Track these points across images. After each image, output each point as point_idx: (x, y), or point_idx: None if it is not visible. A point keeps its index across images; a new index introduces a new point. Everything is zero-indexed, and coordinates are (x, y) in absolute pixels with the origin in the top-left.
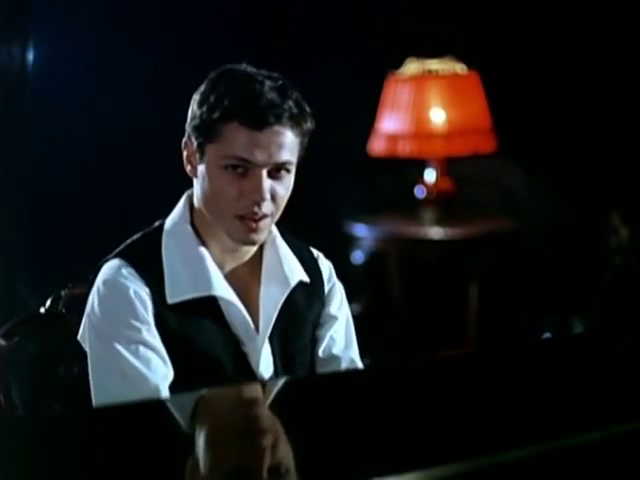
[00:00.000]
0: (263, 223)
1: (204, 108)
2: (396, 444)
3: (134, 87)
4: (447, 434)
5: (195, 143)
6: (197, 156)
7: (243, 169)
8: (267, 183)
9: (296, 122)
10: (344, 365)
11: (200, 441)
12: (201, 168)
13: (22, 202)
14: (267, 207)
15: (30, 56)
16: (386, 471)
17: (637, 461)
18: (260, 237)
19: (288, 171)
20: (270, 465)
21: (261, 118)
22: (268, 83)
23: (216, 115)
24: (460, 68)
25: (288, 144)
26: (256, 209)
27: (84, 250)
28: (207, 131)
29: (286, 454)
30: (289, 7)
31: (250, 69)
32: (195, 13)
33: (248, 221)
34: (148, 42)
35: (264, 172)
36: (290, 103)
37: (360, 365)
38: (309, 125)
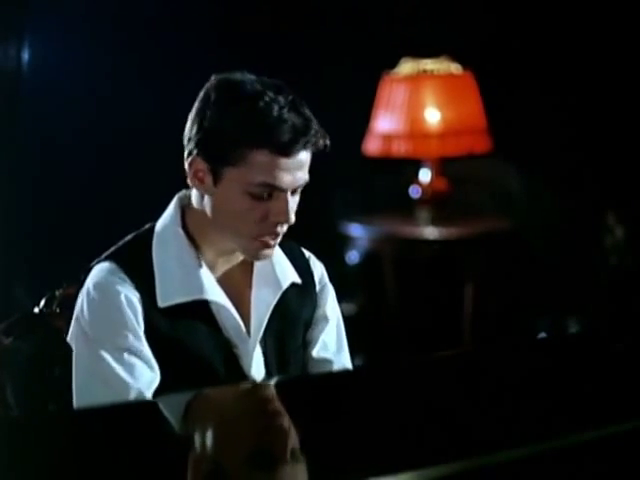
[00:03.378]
0: (279, 239)
1: (220, 131)
2: (391, 444)
3: (130, 87)
4: (442, 434)
5: (208, 164)
6: (210, 176)
7: (268, 193)
8: (290, 204)
9: (317, 147)
10: (335, 369)
11: (192, 442)
12: (216, 189)
13: (19, 202)
14: (287, 225)
15: (26, 56)
16: (382, 471)
17: (633, 460)
18: (272, 252)
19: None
20: (265, 466)
21: (291, 146)
22: (282, 100)
23: (240, 141)
24: (455, 68)
25: (308, 163)
26: (278, 229)
27: (81, 250)
28: (227, 155)
29: (281, 455)
30: (283, 7)
31: (253, 79)
32: (192, 12)
33: (267, 239)
34: (144, 42)
35: (289, 194)
36: (314, 127)
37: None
38: (327, 142)
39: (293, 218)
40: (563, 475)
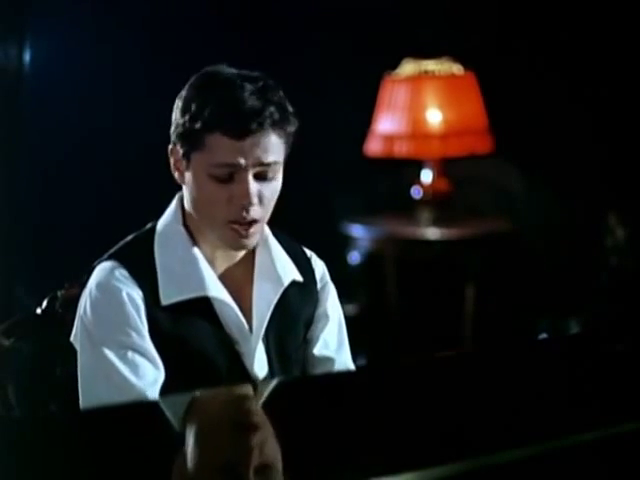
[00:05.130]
0: (254, 228)
1: (186, 117)
2: (392, 444)
3: (131, 87)
4: (443, 434)
5: (180, 151)
6: (183, 163)
7: (229, 175)
8: (254, 187)
9: (278, 126)
10: (337, 367)
11: (196, 442)
12: (188, 175)
13: (20, 202)
14: (255, 212)
15: (27, 56)
16: (383, 471)
17: (633, 461)
18: (251, 242)
19: (274, 172)
20: (266, 465)
21: (243, 128)
22: (248, 87)
23: (198, 125)
24: (456, 69)
25: (272, 146)
26: (244, 214)
27: (82, 250)
28: (191, 140)
29: (282, 454)
30: (285, 7)
31: (230, 71)
32: (195, 12)
33: (238, 227)
34: (145, 41)
35: (250, 176)
36: (272, 109)
37: (352, 368)
38: (292, 127)
39: (255, 200)
40: (563, 475)
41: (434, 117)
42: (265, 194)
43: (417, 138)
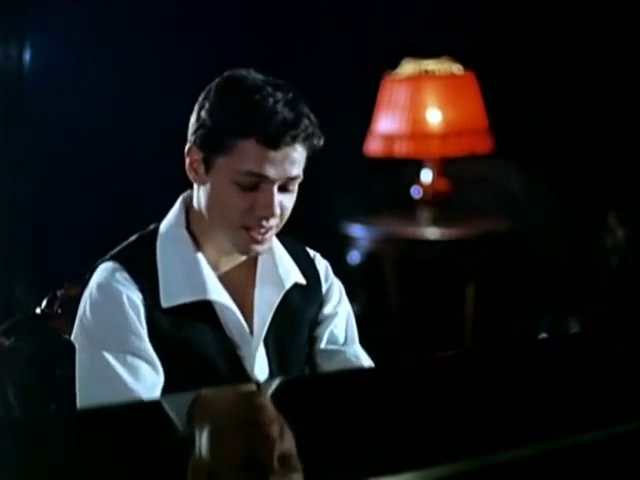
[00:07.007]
0: (268, 235)
1: (215, 120)
2: (392, 444)
3: (132, 87)
4: (443, 434)
5: (202, 153)
6: (202, 166)
7: (254, 183)
8: (277, 198)
9: (309, 140)
10: (348, 359)
11: (195, 442)
12: (206, 178)
13: (21, 202)
14: (274, 221)
15: (27, 57)
16: (383, 471)
17: (633, 461)
18: (264, 247)
19: (295, 185)
20: (266, 466)
21: (278, 138)
22: (280, 95)
23: (230, 130)
24: (457, 68)
25: (299, 159)
26: (264, 222)
27: (82, 250)
28: (218, 144)
29: (283, 455)
30: (286, 7)
31: (257, 77)
32: (194, 13)
33: (254, 233)
34: (146, 42)
35: (275, 187)
36: (306, 122)
37: (366, 359)
38: (320, 142)
39: (278, 212)
40: (563, 475)
41: (434, 117)
42: (285, 205)
43: (417, 138)
